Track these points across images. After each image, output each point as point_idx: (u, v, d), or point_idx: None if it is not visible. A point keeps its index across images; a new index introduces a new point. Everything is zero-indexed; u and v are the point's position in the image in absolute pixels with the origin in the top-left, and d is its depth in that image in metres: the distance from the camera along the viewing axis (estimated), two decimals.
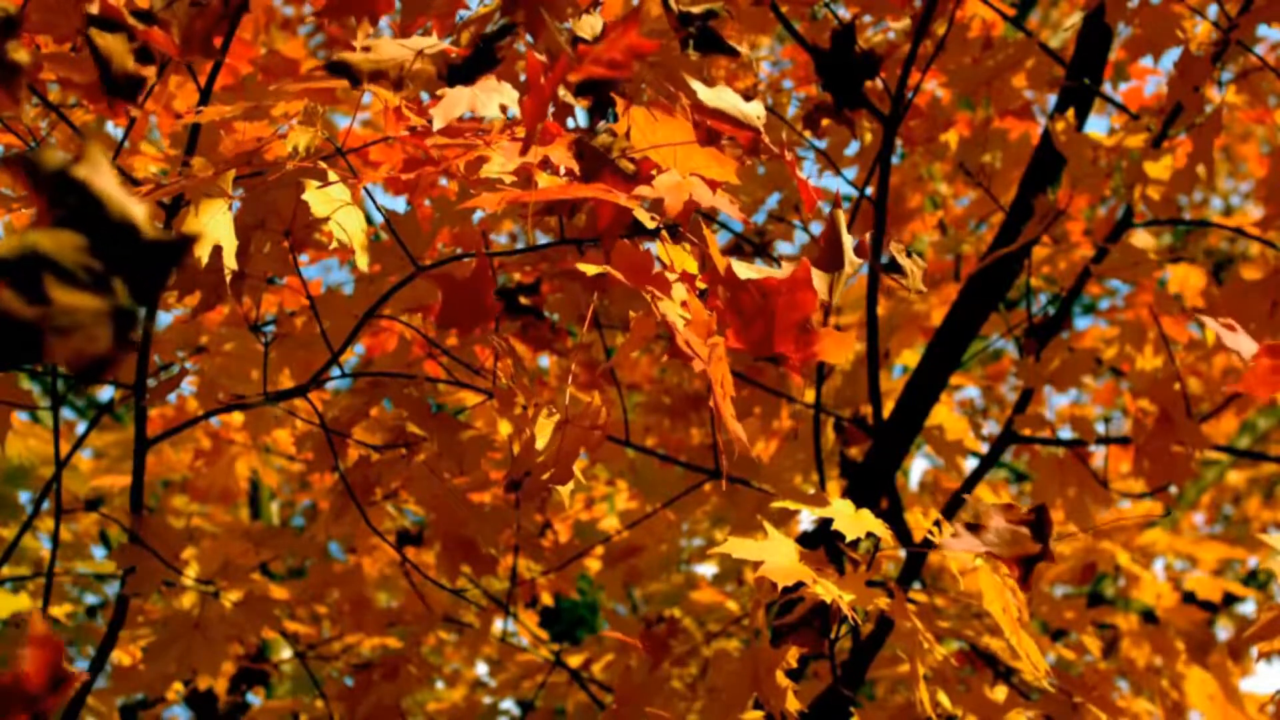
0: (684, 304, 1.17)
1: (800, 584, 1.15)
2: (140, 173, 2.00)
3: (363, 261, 1.32)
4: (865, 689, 3.80)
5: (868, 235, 1.32)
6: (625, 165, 1.22)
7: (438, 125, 1.24)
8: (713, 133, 1.23)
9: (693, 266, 1.27)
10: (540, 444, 1.29)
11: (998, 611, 1.18)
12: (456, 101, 1.25)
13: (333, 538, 2.99)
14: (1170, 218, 2.41)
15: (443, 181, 2.19)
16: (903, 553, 2.52)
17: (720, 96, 1.23)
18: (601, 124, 1.30)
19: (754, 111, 1.25)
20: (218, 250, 1.32)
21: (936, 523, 1.27)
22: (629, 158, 1.22)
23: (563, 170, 1.22)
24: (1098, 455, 2.61)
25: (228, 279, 1.54)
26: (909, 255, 1.35)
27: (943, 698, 1.50)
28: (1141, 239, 2.58)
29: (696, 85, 1.22)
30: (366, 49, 1.32)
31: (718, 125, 1.23)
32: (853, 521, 1.20)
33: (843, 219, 1.27)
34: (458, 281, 1.42)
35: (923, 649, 1.20)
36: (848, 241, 1.26)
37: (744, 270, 1.21)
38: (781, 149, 1.27)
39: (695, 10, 1.52)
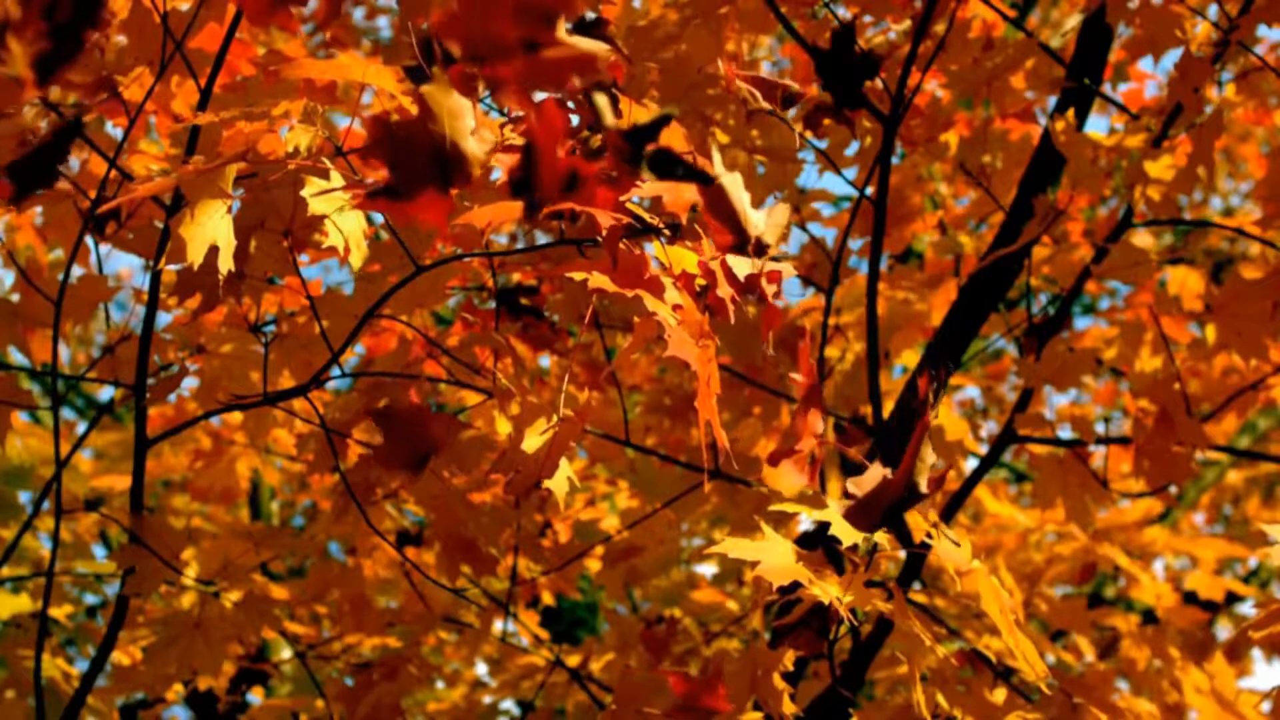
0: (677, 306, 1.17)
1: (798, 585, 1.15)
2: (140, 173, 2.00)
3: (357, 261, 1.32)
4: (865, 689, 3.80)
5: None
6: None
7: None
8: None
9: (693, 266, 1.27)
10: (529, 441, 1.30)
11: (995, 613, 1.18)
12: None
13: (333, 538, 2.99)
14: (1170, 218, 2.41)
15: None
16: (902, 553, 2.52)
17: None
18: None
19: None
20: (216, 251, 1.32)
21: (935, 524, 1.27)
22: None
23: None
24: (1098, 455, 2.61)
25: (227, 280, 1.54)
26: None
27: (941, 699, 1.50)
28: (1142, 239, 2.58)
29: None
30: None
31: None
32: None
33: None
34: (398, 419, 1.45)
35: (922, 650, 1.20)
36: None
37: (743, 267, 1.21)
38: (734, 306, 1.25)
39: (645, 123, 1.17)
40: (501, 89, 1.05)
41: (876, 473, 1.23)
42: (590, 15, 1.40)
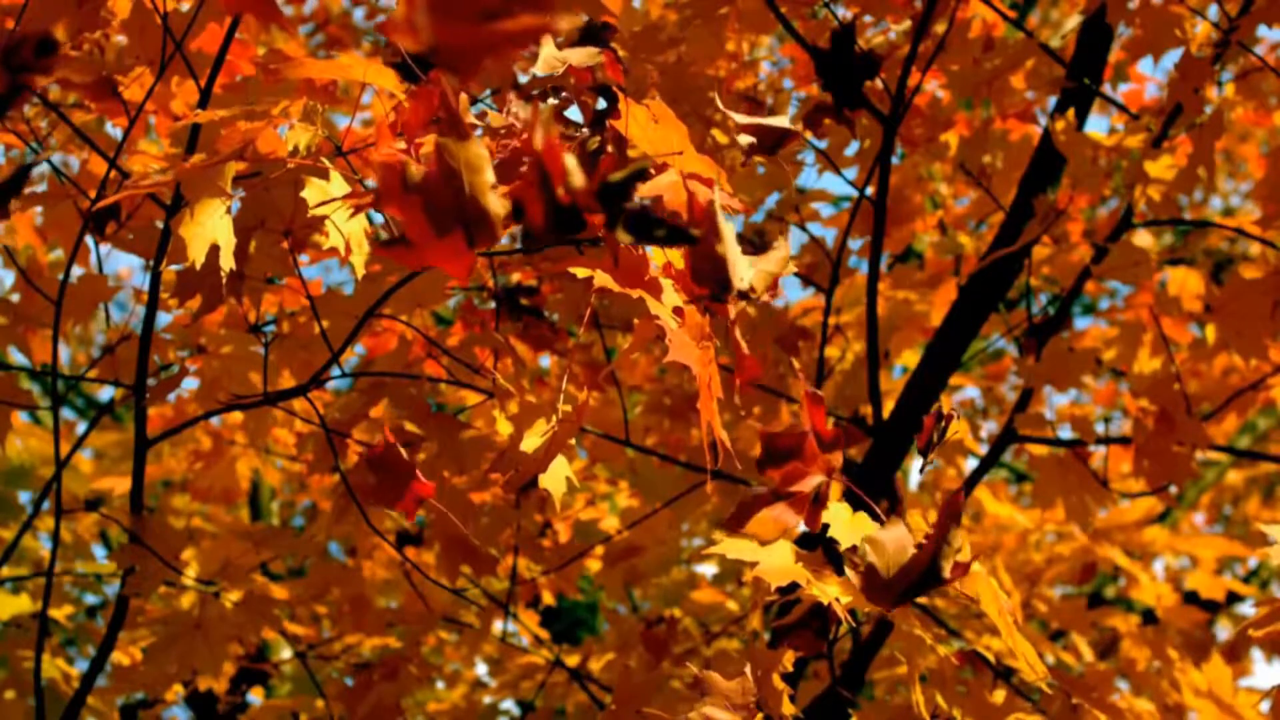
0: (677, 308, 1.17)
1: (797, 585, 1.15)
2: (139, 173, 2.00)
3: (358, 261, 1.32)
4: (865, 689, 3.80)
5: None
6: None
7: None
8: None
9: None
10: (528, 441, 1.30)
11: (994, 614, 1.18)
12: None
13: (333, 538, 2.99)
14: (1170, 218, 2.41)
15: None
16: None
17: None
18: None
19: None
20: (217, 251, 1.32)
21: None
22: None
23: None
24: (1098, 455, 2.61)
25: (227, 280, 1.54)
26: None
27: (941, 699, 1.50)
28: (1142, 239, 2.58)
29: None
30: None
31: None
32: (849, 525, 1.19)
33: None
34: (390, 466, 1.45)
35: (921, 650, 1.20)
36: None
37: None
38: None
39: (618, 178, 1.04)
40: (456, 70, 1.00)
41: (897, 537, 1.16)
42: (598, 22, 1.40)
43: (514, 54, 0.90)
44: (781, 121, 1.28)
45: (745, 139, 1.30)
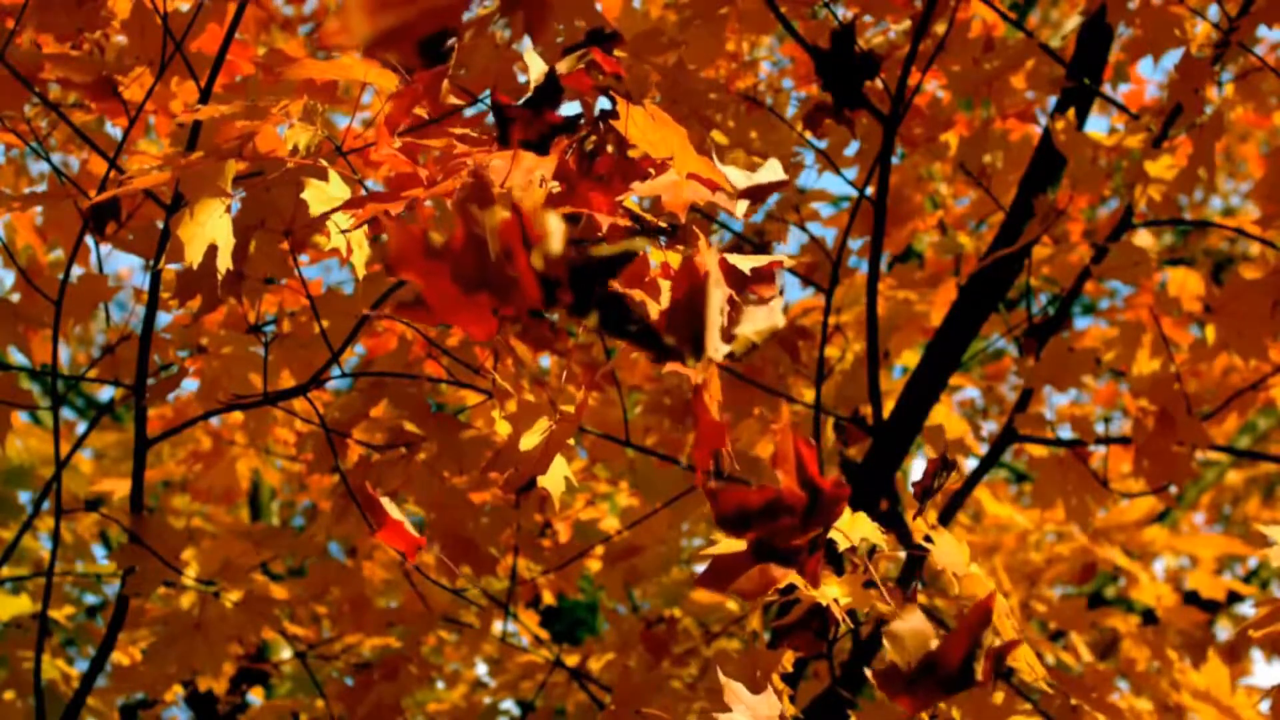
0: None
1: (795, 585, 1.15)
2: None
3: (359, 262, 1.32)
4: (865, 690, 3.80)
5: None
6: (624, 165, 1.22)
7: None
8: None
9: None
10: (526, 440, 1.29)
11: (994, 616, 1.18)
12: (497, 171, 1.20)
13: (333, 538, 2.99)
14: (1170, 218, 2.41)
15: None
16: (902, 554, 2.52)
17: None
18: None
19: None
20: (216, 251, 1.32)
21: (934, 526, 1.27)
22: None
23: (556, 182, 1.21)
24: (1098, 455, 2.61)
25: (227, 280, 1.54)
26: None
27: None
28: (1142, 239, 2.58)
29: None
30: None
31: None
32: (848, 525, 1.19)
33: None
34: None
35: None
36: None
37: (743, 264, 1.21)
38: None
39: (602, 255, 0.92)
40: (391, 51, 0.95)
41: (916, 628, 1.06)
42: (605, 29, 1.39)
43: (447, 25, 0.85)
44: (777, 174, 1.26)
45: (741, 205, 1.26)
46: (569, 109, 1.35)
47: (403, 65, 1.22)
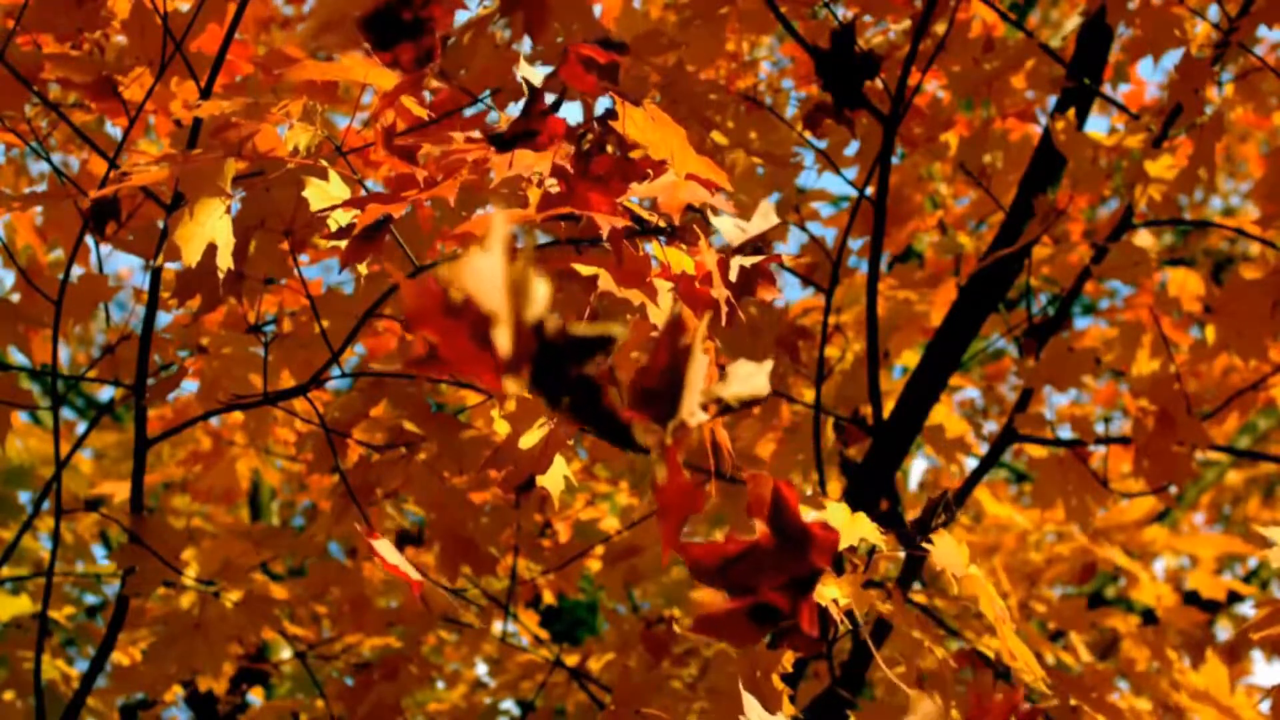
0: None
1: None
2: None
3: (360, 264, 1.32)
4: (865, 690, 3.80)
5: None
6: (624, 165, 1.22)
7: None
8: None
9: (690, 267, 1.27)
10: (525, 439, 1.30)
11: (992, 618, 1.18)
12: (499, 167, 1.19)
13: (333, 538, 2.99)
14: (1170, 218, 2.41)
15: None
16: (902, 554, 2.52)
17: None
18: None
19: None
20: (215, 251, 1.32)
21: (934, 525, 1.27)
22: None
23: (556, 182, 1.21)
24: (1098, 455, 2.61)
25: (227, 280, 1.54)
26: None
27: (940, 699, 1.50)
28: (1142, 239, 2.58)
29: None
30: None
31: None
32: (847, 525, 1.20)
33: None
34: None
35: (920, 651, 1.20)
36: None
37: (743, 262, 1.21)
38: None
39: (575, 335, 0.80)
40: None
41: (926, 716, 1.02)
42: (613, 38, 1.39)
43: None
44: (769, 219, 1.25)
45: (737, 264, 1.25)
46: (569, 110, 1.35)
47: (364, 50, 1.22)
